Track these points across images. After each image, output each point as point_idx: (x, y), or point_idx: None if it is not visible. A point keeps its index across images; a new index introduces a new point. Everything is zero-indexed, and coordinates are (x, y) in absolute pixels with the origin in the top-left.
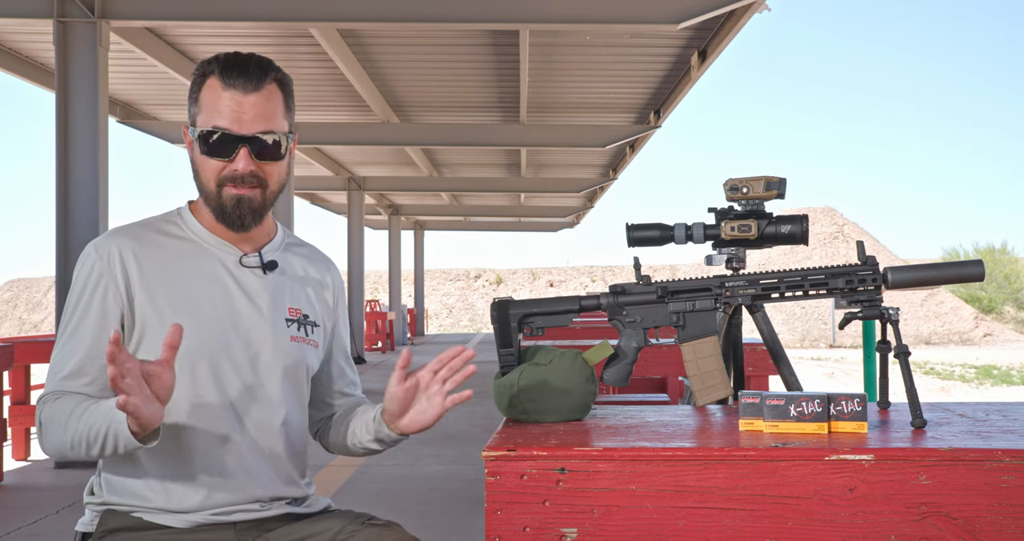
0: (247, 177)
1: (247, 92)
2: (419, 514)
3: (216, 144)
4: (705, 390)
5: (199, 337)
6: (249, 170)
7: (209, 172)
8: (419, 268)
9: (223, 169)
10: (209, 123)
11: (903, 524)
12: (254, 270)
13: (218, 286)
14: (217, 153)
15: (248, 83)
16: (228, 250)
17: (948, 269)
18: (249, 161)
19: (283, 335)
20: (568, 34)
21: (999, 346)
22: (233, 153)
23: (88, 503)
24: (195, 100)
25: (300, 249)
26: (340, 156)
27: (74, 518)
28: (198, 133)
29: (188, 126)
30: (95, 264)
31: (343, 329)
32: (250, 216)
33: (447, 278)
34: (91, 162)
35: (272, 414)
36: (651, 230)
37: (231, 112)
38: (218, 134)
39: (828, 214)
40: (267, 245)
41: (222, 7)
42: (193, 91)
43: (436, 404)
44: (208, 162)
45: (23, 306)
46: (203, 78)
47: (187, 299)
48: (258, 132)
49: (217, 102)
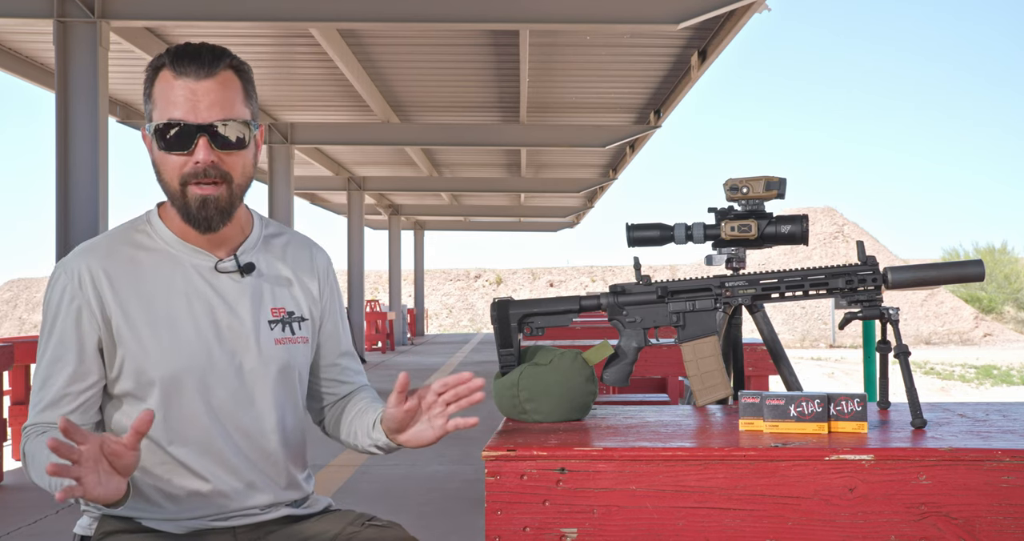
0: (209, 171)
1: (200, 78)
2: (419, 514)
3: (173, 138)
4: (705, 390)
5: (183, 359)
6: (210, 161)
7: (170, 170)
8: (419, 268)
9: (184, 165)
10: (164, 116)
11: (903, 524)
12: (231, 275)
13: (196, 298)
14: (175, 147)
15: (200, 69)
16: (202, 257)
17: (948, 269)
18: (209, 151)
19: (267, 340)
20: (568, 34)
21: (999, 346)
22: (191, 144)
23: (86, 510)
24: (149, 96)
25: (279, 239)
26: (340, 156)
27: (73, 519)
28: (153, 128)
29: (144, 126)
30: (66, 287)
31: (338, 312)
32: (217, 217)
33: (447, 278)
34: (91, 162)
35: (265, 421)
36: (651, 230)
37: (184, 101)
38: (174, 126)
39: (828, 214)
40: (243, 244)
41: (222, 7)
42: (147, 88)
43: (438, 426)
44: (168, 159)
45: (23, 306)
46: (155, 72)
47: (166, 317)
48: (215, 120)
49: (170, 93)
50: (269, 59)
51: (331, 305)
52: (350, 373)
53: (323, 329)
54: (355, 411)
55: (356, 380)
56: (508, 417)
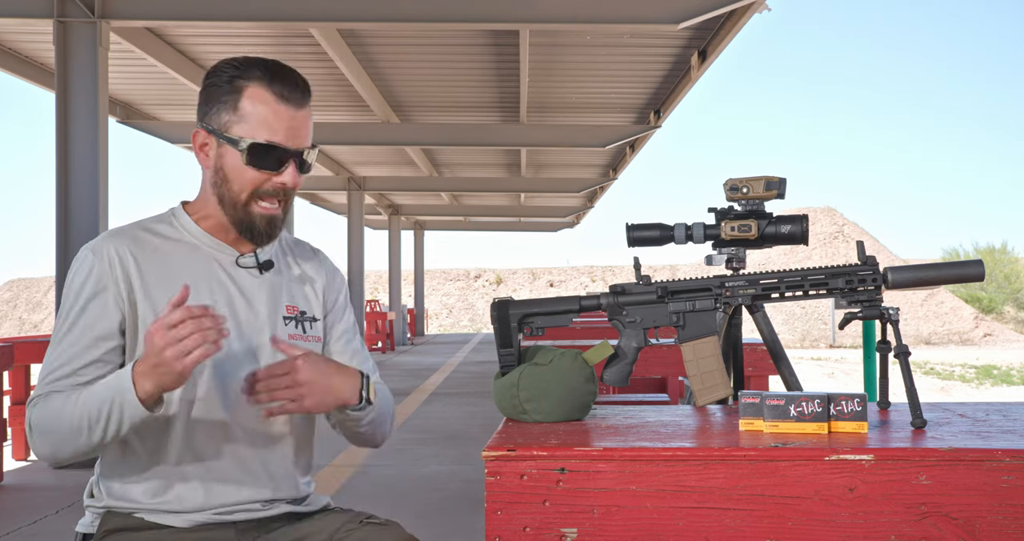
0: (282, 192)
1: (299, 108)
2: (419, 514)
3: (266, 157)
4: (705, 390)
5: None
6: (296, 184)
7: (247, 182)
8: (419, 268)
9: (264, 181)
10: (261, 135)
11: (903, 524)
12: (250, 270)
13: (218, 289)
14: (266, 165)
15: (302, 99)
16: (224, 251)
17: (948, 269)
18: (296, 176)
19: (282, 335)
20: (568, 34)
21: (999, 346)
22: (282, 166)
23: (88, 506)
24: (232, 107)
25: (291, 246)
26: (340, 156)
27: (74, 518)
28: (248, 144)
29: (207, 129)
30: (94, 267)
31: (349, 312)
32: (276, 232)
33: (447, 278)
34: (91, 162)
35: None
36: (651, 230)
37: (288, 128)
38: (272, 148)
39: (828, 214)
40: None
41: (222, 7)
42: (225, 96)
43: None
44: (248, 172)
45: (23, 306)
46: (241, 84)
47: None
48: (305, 147)
49: (270, 116)
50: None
51: (340, 304)
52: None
53: (335, 329)
54: None
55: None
56: (508, 417)
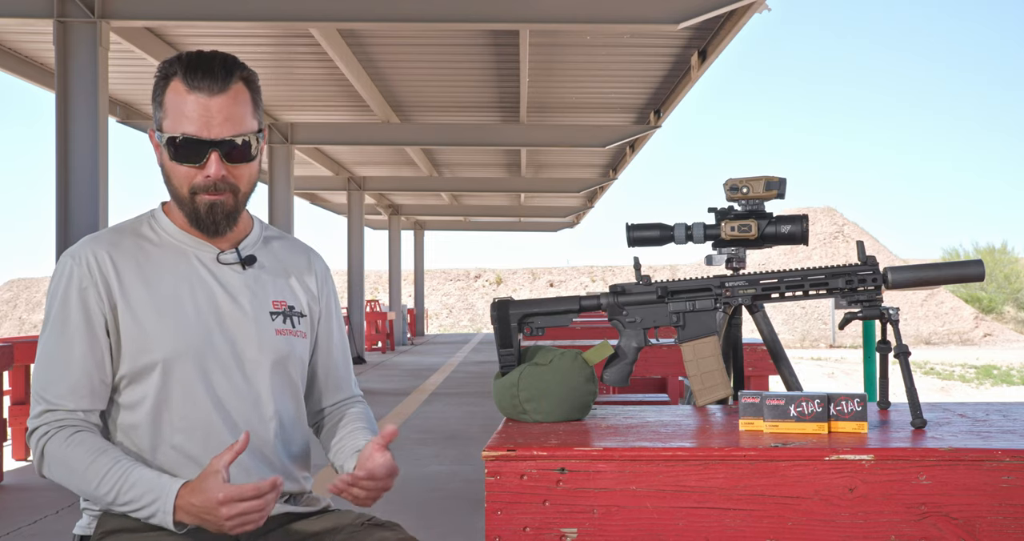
0: (219, 184)
1: (213, 94)
2: (419, 514)
3: (185, 150)
4: (705, 390)
5: (184, 339)
6: (220, 176)
7: (180, 178)
8: (419, 268)
9: (194, 176)
10: (176, 129)
11: (903, 524)
12: (233, 266)
13: (199, 286)
14: (187, 159)
15: (214, 85)
16: (205, 248)
17: (948, 269)
18: (220, 166)
19: (268, 330)
20: (568, 34)
21: (999, 346)
22: (203, 158)
23: (85, 507)
24: (159, 104)
25: (278, 241)
26: (340, 156)
27: (74, 518)
28: (166, 139)
29: (154, 130)
30: (73, 272)
31: (335, 319)
32: (224, 221)
33: (447, 278)
34: (91, 162)
35: (263, 411)
36: (651, 230)
37: (198, 117)
38: (186, 140)
39: (828, 214)
40: (244, 240)
41: (222, 7)
42: (156, 93)
43: None
44: (178, 168)
45: (23, 306)
46: (166, 80)
47: (168, 302)
48: (227, 136)
49: (183, 106)
50: (269, 59)
51: (328, 308)
52: (345, 379)
53: (320, 330)
54: (349, 429)
55: (350, 391)
56: (508, 417)
